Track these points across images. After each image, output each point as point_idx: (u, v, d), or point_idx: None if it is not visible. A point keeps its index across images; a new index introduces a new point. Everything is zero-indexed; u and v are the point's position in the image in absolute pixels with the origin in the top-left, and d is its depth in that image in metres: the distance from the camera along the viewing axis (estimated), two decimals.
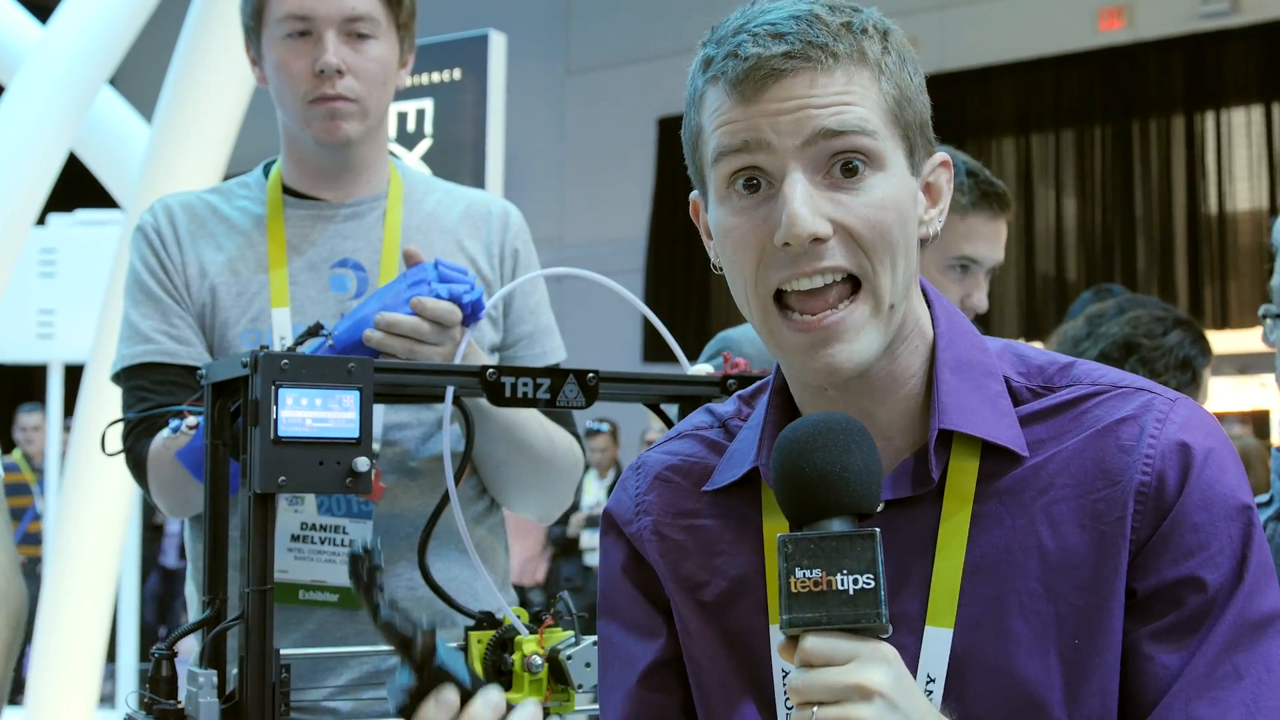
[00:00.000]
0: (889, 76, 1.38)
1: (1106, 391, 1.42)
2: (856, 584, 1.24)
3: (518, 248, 2.50)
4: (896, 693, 1.23)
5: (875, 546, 1.24)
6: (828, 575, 1.24)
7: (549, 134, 15.10)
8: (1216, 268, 11.91)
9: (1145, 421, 1.38)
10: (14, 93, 6.39)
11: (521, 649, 1.86)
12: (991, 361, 1.46)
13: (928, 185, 1.45)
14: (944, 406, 1.40)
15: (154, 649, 1.85)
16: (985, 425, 1.40)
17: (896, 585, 1.39)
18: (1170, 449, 1.37)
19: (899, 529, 1.40)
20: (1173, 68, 11.94)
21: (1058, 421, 1.42)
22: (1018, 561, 1.37)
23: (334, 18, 2.35)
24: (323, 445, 1.76)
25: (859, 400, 1.42)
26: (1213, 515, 1.36)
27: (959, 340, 1.46)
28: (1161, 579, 1.36)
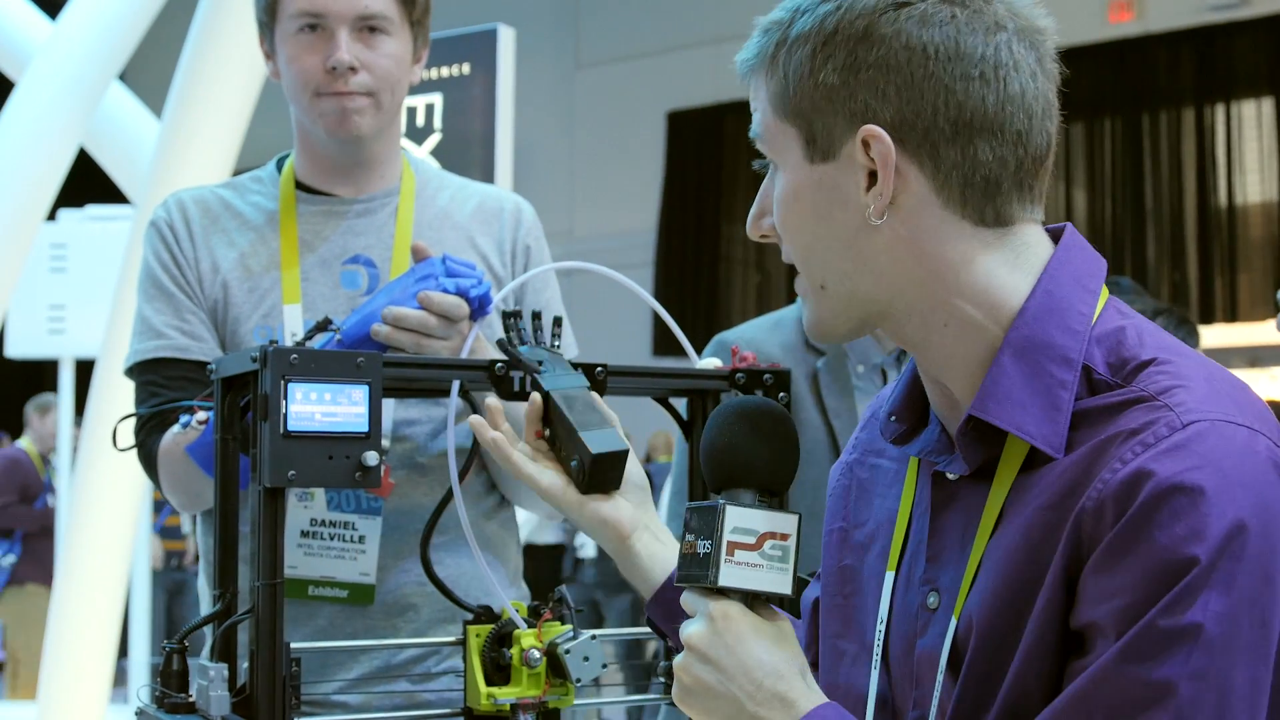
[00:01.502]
0: (777, 68, 1.40)
1: (1144, 400, 1.29)
2: (705, 549, 1.39)
3: (529, 244, 2.50)
4: (709, 646, 1.37)
5: (718, 517, 1.38)
6: (693, 540, 1.40)
7: (558, 128, 15.12)
8: (1227, 260, 11.90)
9: (1132, 441, 1.26)
10: (24, 88, 6.40)
11: (520, 643, 1.86)
12: (1075, 346, 1.35)
13: (855, 166, 1.37)
14: (982, 391, 1.35)
15: (165, 643, 1.85)
16: (1017, 416, 1.33)
17: (948, 561, 1.41)
18: (1128, 477, 1.24)
19: (961, 507, 1.41)
20: (1183, 60, 11.93)
21: (1097, 425, 1.31)
22: (1000, 566, 1.33)
23: (347, 15, 2.35)
24: (332, 439, 1.76)
25: (929, 374, 1.44)
26: (1135, 563, 1.23)
27: (1047, 318, 1.35)
28: (1078, 619, 1.27)
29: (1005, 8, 1.38)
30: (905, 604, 1.45)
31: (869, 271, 1.39)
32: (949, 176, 1.36)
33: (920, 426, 1.49)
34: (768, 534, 1.39)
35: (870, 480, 1.58)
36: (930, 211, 1.36)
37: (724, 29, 14.26)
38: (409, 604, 2.31)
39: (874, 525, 1.54)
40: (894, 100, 1.34)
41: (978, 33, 1.35)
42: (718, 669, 1.37)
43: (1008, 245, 1.38)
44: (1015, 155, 1.36)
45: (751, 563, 1.38)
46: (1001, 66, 1.35)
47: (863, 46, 1.35)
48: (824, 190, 1.39)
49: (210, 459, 1.99)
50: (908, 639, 1.44)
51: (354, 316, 2.14)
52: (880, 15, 1.35)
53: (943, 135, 1.34)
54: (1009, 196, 1.37)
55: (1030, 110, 1.36)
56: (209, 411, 1.99)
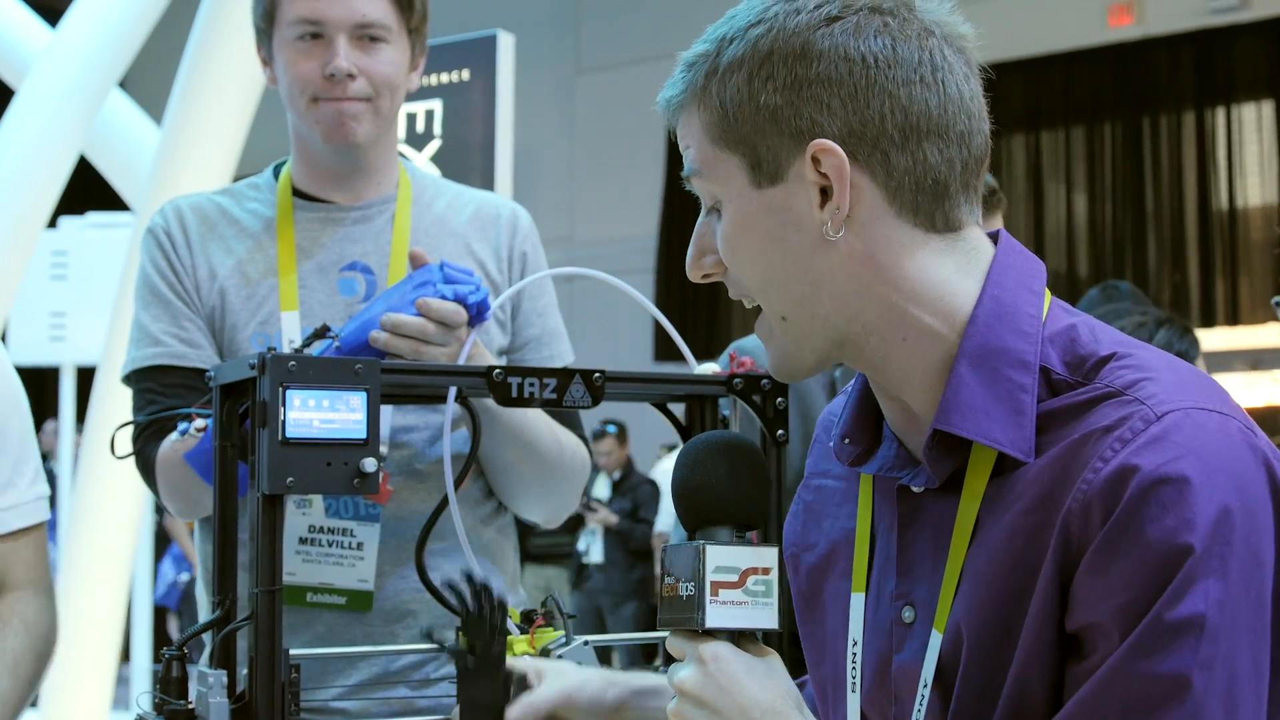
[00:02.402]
0: (710, 98, 1.40)
1: (1113, 396, 1.29)
2: (688, 590, 1.37)
3: (526, 251, 2.50)
4: (703, 690, 1.34)
5: (697, 557, 1.36)
6: (674, 582, 1.38)
7: (558, 134, 15.12)
8: (1228, 263, 11.89)
9: (1109, 438, 1.26)
10: (24, 96, 6.41)
11: (512, 649, 1.86)
12: (1030, 350, 1.35)
13: (805, 184, 1.37)
14: (944, 404, 1.35)
15: (164, 650, 1.86)
16: (983, 425, 1.33)
17: (921, 575, 1.40)
18: (1112, 474, 1.24)
19: (930, 520, 1.41)
20: (1183, 63, 11.93)
21: (1067, 425, 1.31)
22: (985, 575, 1.33)
23: (345, 22, 2.35)
24: (330, 446, 1.77)
25: (887, 392, 1.43)
26: (1130, 559, 1.23)
27: (998, 324, 1.36)
28: (1074, 622, 1.26)
29: (929, 16, 1.39)
30: (876, 622, 1.45)
31: (826, 294, 1.38)
32: (901, 183, 1.36)
33: (874, 446, 1.48)
34: (750, 570, 1.38)
35: (817, 501, 1.58)
36: (884, 221, 1.37)
37: None
38: (407, 610, 2.32)
39: (827, 546, 1.54)
40: (840, 112, 1.35)
41: (911, 39, 1.36)
42: (715, 712, 1.35)
43: (958, 250, 1.39)
44: (960, 156, 1.37)
45: (736, 600, 1.37)
46: (939, 69, 1.36)
47: (801, 64, 1.35)
48: (775, 213, 1.38)
49: (209, 466, 2.00)
50: (880, 657, 1.44)
51: (352, 323, 2.14)
52: (815, 31, 1.35)
53: (892, 142, 1.35)
54: (956, 199, 1.38)
55: (969, 111, 1.38)
56: (207, 419, 1.99)
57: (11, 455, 2.25)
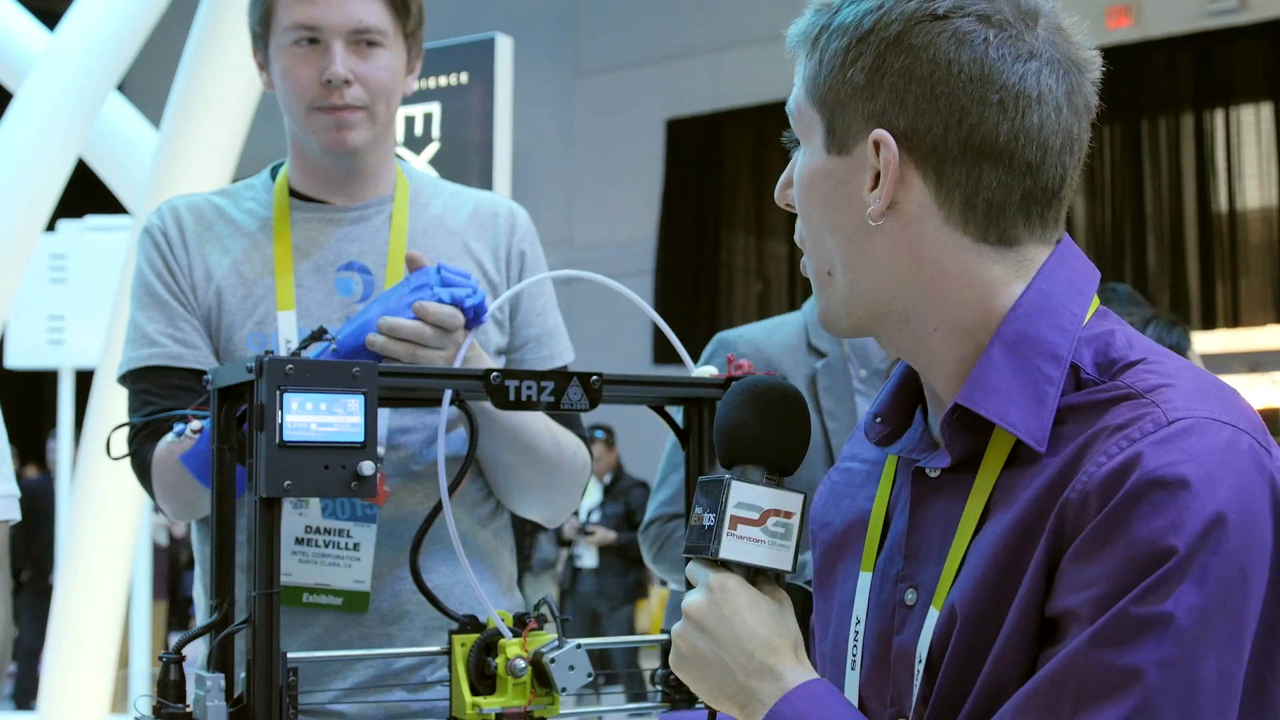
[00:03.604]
0: (816, 51, 1.42)
1: (1131, 397, 1.30)
2: (710, 522, 1.42)
3: (524, 250, 2.50)
4: (705, 616, 1.40)
5: (724, 491, 1.41)
6: (701, 512, 1.44)
7: (557, 137, 15.13)
8: (1227, 266, 11.89)
9: (1117, 435, 1.28)
10: (22, 99, 6.41)
11: (505, 652, 1.86)
12: (1064, 344, 1.36)
13: (865, 165, 1.39)
14: (970, 381, 1.36)
15: (162, 653, 1.85)
16: (1002, 407, 1.34)
17: (928, 558, 1.42)
18: (1113, 470, 1.26)
19: (941, 504, 1.42)
20: (1181, 66, 11.93)
21: (1083, 420, 1.32)
22: (983, 560, 1.33)
23: (342, 28, 2.35)
24: (328, 449, 1.77)
25: (922, 376, 1.46)
26: (1114, 553, 1.24)
27: (1038, 315, 1.37)
28: (1053, 607, 1.27)
29: (1048, 35, 1.37)
30: (880, 602, 1.47)
31: (868, 269, 1.41)
32: (951, 194, 1.36)
33: (904, 428, 1.51)
34: (771, 511, 1.42)
35: (841, 482, 1.60)
36: (931, 222, 1.38)
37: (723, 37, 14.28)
38: (404, 611, 2.32)
39: (843, 526, 1.56)
40: (910, 110, 1.36)
41: (1007, 59, 1.34)
42: (712, 638, 1.40)
43: (1008, 259, 1.39)
44: (1022, 185, 1.36)
45: (753, 538, 1.41)
46: (1024, 97, 1.34)
47: (892, 52, 1.36)
48: (835, 182, 1.41)
49: (205, 468, 2.00)
50: (882, 637, 1.45)
51: (349, 326, 2.14)
52: (915, 24, 1.36)
53: (950, 154, 1.35)
54: (1013, 222, 1.38)
55: (1046, 145, 1.36)
56: (204, 420, 1.99)
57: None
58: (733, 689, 1.39)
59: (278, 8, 2.37)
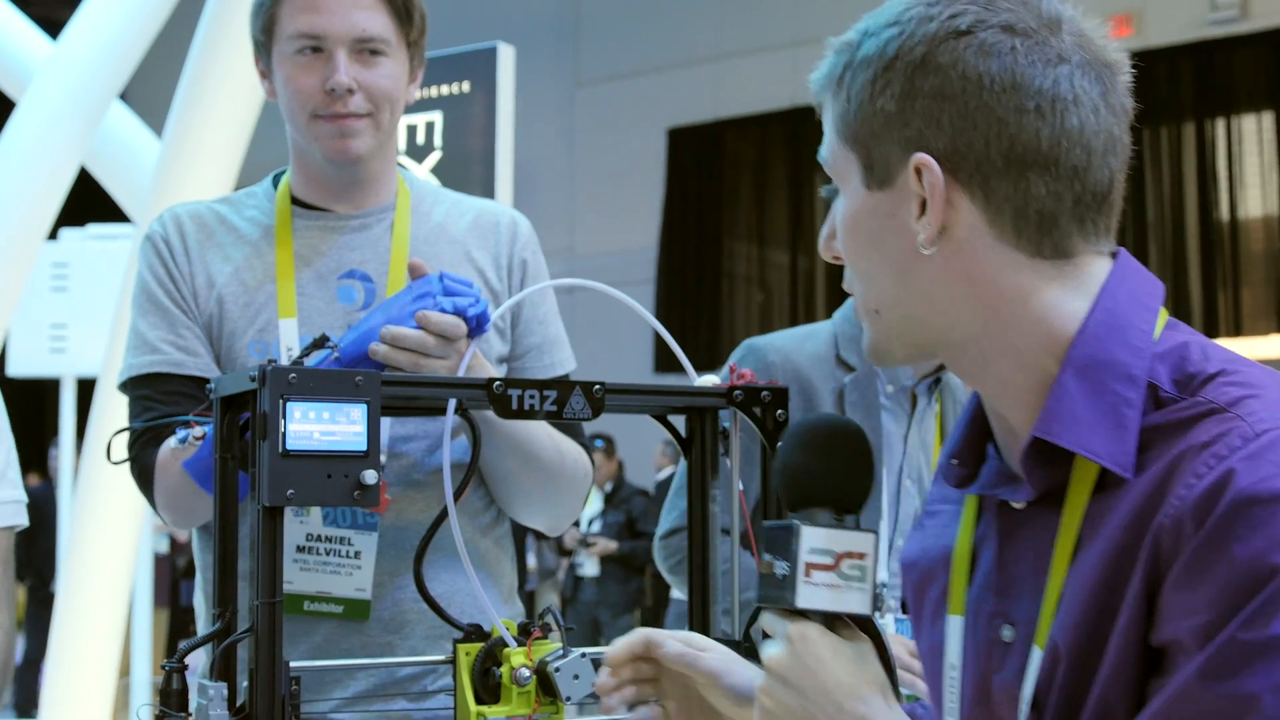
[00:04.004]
0: (842, 90, 1.40)
1: (1216, 412, 1.27)
2: (783, 570, 1.38)
3: (526, 258, 2.50)
4: (788, 670, 1.36)
5: (794, 539, 1.38)
6: (771, 560, 1.40)
7: (558, 146, 15.14)
8: (1229, 275, 11.90)
9: (1205, 454, 1.24)
10: (25, 108, 6.42)
11: (509, 661, 1.86)
12: (1139, 363, 1.32)
13: (909, 194, 1.36)
14: (1045, 412, 1.33)
15: (164, 662, 1.85)
16: (1083, 436, 1.31)
17: (1021, 592, 1.39)
18: (1205, 491, 1.22)
19: (1030, 537, 1.39)
20: (1182, 75, 11.94)
21: (1168, 441, 1.28)
22: (1080, 592, 1.31)
23: (345, 36, 2.35)
24: (330, 458, 1.76)
25: (990, 406, 1.43)
26: (1215, 577, 1.20)
27: (1107, 337, 1.33)
28: (1158, 637, 1.25)
29: (1074, 39, 1.36)
30: (974, 642, 1.44)
31: (923, 300, 1.38)
32: (1001, 209, 1.34)
33: (980, 465, 1.47)
34: (845, 554, 1.39)
35: (932, 526, 1.57)
36: (983, 242, 1.35)
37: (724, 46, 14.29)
38: (405, 620, 2.31)
39: (929, 566, 1.53)
40: (947, 129, 1.33)
41: (1037, 65, 1.33)
42: (798, 692, 1.36)
43: (1066, 274, 1.36)
44: (1072, 190, 1.34)
45: (830, 583, 1.38)
46: (1060, 100, 1.33)
47: (920, 74, 1.34)
48: (880, 217, 1.39)
49: (207, 475, 2.00)
50: (982, 676, 1.43)
51: (351, 334, 2.14)
52: (940, 43, 1.34)
53: (994, 168, 1.33)
54: (1067, 231, 1.35)
55: (1089, 146, 1.34)
56: (206, 426, 1.99)
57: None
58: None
59: (281, 16, 2.38)
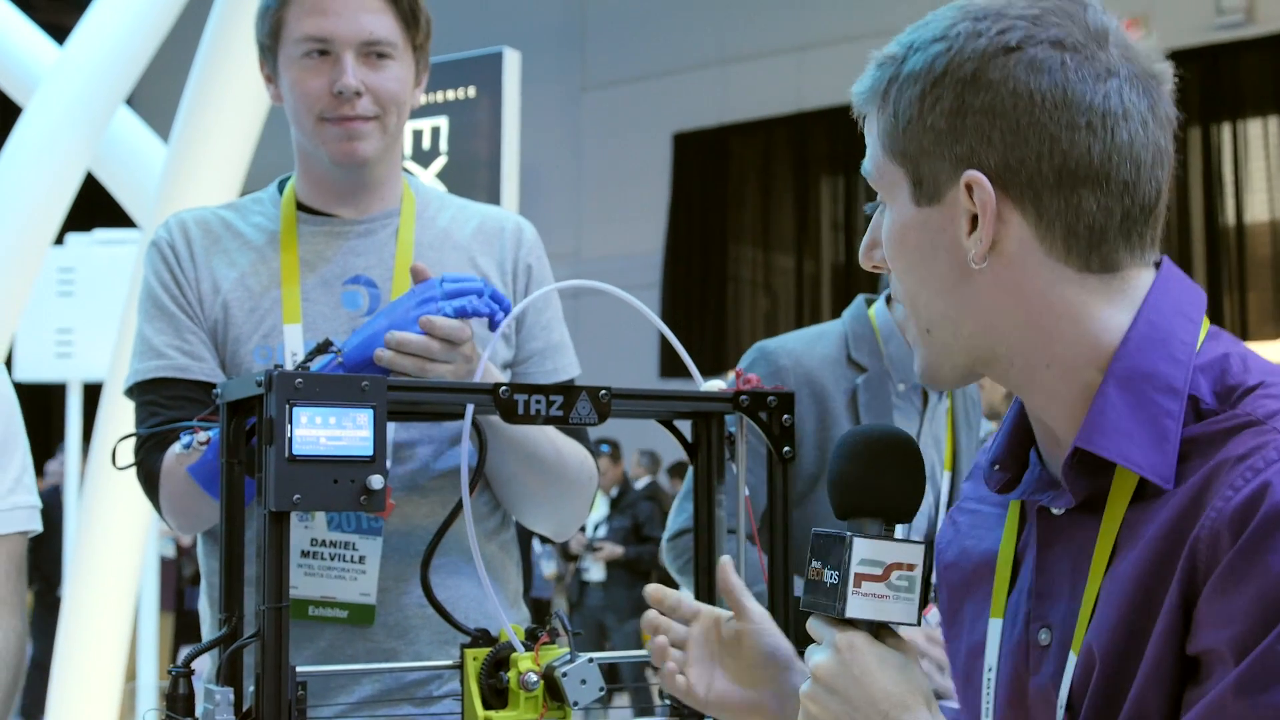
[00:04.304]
0: (889, 104, 1.40)
1: (1253, 425, 1.28)
2: (832, 579, 1.40)
3: (531, 264, 2.50)
4: (835, 678, 1.39)
5: (846, 549, 1.40)
6: (820, 568, 1.42)
7: (564, 150, 15.15)
8: (1235, 279, 11.90)
9: (1241, 467, 1.25)
10: (32, 113, 6.42)
11: (517, 666, 1.86)
12: (1180, 375, 1.34)
13: (959, 209, 1.37)
14: (1087, 423, 1.34)
15: (171, 667, 1.86)
16: (1124, 447, 1.32)
17: (1059, 596, 1.41)
18: (1242, 503, 1.23)
19: (1069, 543, 1.41)
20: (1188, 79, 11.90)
21: (1206, 452, 1.30)
22: (1117, 599, 1.32)
23: (353, 40, 2.35)
24: (337, 463, 1.77)
25: (1034, 414, 1.45)
26: (1250, 589, 1.22)
27: (1150, 349, 1.35)
28: (1195, 646, 1.26)
29: (1120, 52, 1.36)
30: (1012, 645, 1.46)
31: (971, 315, 1.39)
32: (1052, 225, 1.35)
33: (1023, 471, 1.49)
34: (894, 565, 1.41)
35: (968, 524, 1.59)
36: (1033, 257, 1.36)
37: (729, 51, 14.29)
38: (410, 625, 2.32)
39: (971, 568, 1.55)
40: (999, 146, 1.34)
41: (1087, 80, 1.34)
42: (845, 700, 1.39)
43: (1112, 287, 1.37)
44: (1121, 205, 1.35)
45: (878, 594, 1.40)
46: (1110, 115, 1.34)
47: (970, 90, 1.35)
48: (929, 232, 1.40)
49: (213, 479, 2.00)
50: (1016, 679, 1.44)
51: (355, 339, 2.15)
52: (990, 60, 1.34)
53: (1046, 183, 1.34)
54: (1115, 245, 1.36)
55: (1139, 160, 1.35)
56: (210, 431, 1.99)
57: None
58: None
59: (288, 20, 2.38)
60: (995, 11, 1.36)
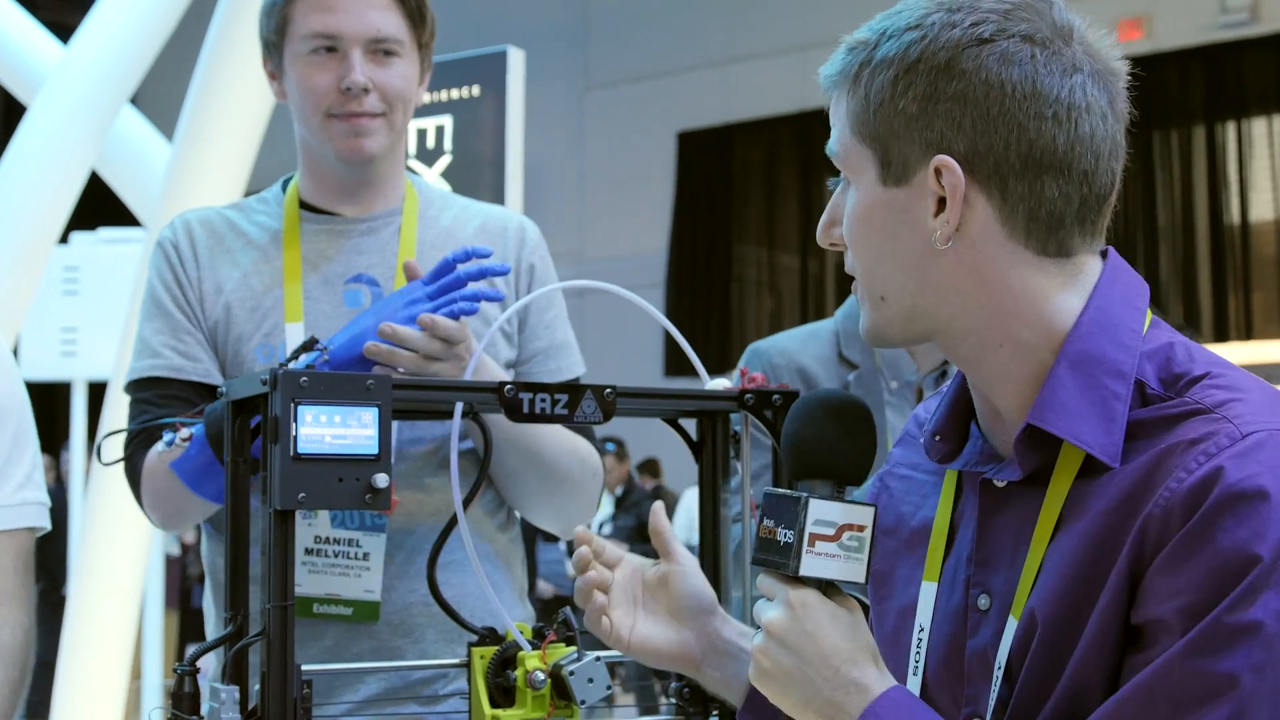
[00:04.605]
0: (860, 87, 1.45)
1: (1202, 412, 1.36)
2: (786, 537, 1.45)
3: (534, 263, 2.50)
4: (787, 633, 1.43)
5: (802, 509, 1.44)
6: (774, 527, 1.47)
7: (569, 149, 15.14)
8: (1240, 278, 11.89)
9: (1194, 451, 1.33)
10: (36, 112, 6.43)
11: (524, 665, 1.86)
12: (1128, 361, 1.42)
13: (927, 192, 1.43)
14: (1039, 401, 1.41)
15: (176, 665, 1.86)
16: (1075, 426, 1.39)
17: (999, 564, 1.47)
18: (1195, 484, 1.31)
19: (1011, 513, 1.47)
20: (1192, 78, 11.93)
21: (1155, 436, 1.37)
22: (1061, 567, 1.39)
23: (360, 37, 2.37)
24: (342, 462, 1.76)
25: (978, 389, 1.50)
26: (1200, 563, 1.29)
27: (1100, 334, 1.43)
28: (1140, 615, 1.33)
29: (1084, 49, 1.44)
30: (949, 609, 1.52)
31: (930, 291, 1.46)
32: (1015, 209, 1.42)
33: (962, 444, 1.56)
34: (846, 526, 1.46)
35: (901, 490, 1.65)
36: (994, 240, 1.43)
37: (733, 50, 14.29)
38: (415, 623, 2.32)
39: (907, 534, 1.61)
40: (968, 132, 1.41)
41: (1055, 74, 1.41)
42: (797, 655, 1.43)
43: (1066, 271, 1.45)
44: (1080, 193, 1.43)
45: (830, 553, 1.45)
46: (1075, 108, 1.41)
47: (943, 78, 1.41)
48: (894, 212, 1.45)
49: (194, 474, 2.06)
50: (952, 641, 1.50)
51: (342, 336, 2.16)
52: (963, 49, 1.41)
53: (1012, 170, 1.40)
54: (1071, 231, 1.43)
55: (1098, 151, 1.43)
56: (193, 428, 2.01)
57: (0, 456, 2.21)
58: (819, 703, 1.43)
59: (295, 16, 2.39)
60: (968, 5, 1.43)
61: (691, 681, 1.96)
